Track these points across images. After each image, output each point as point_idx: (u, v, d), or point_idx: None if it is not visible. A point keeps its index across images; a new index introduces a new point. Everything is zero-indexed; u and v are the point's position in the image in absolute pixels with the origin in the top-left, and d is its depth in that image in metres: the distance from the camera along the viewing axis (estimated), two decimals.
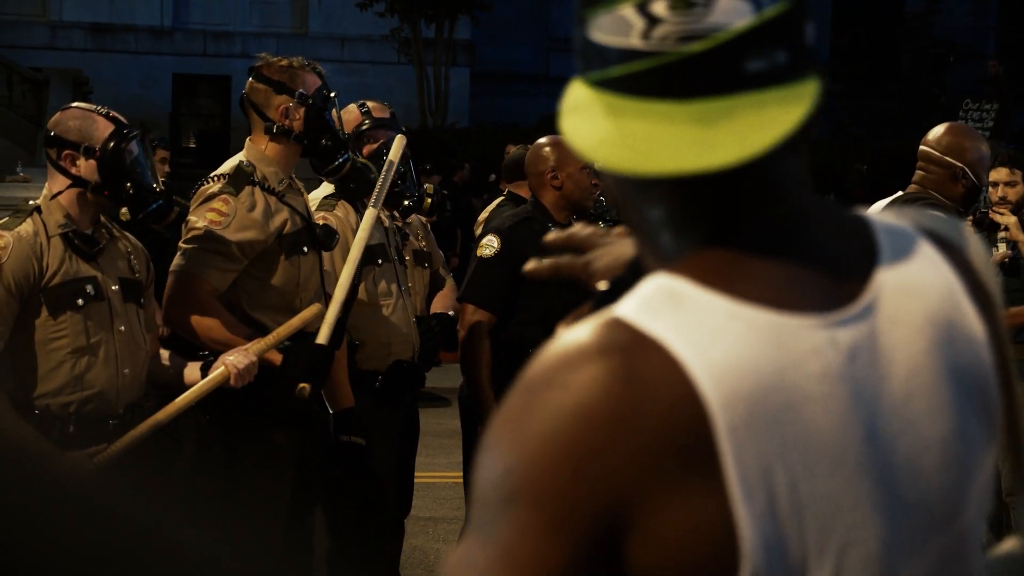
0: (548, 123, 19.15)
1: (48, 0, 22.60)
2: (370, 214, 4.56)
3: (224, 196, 4.27)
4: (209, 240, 4.24)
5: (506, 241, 5.15)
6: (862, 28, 23.88)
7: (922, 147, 4.63)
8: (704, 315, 1.18)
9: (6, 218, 3.99)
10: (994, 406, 1.28)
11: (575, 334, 1.20)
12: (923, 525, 1.23)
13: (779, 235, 1.24)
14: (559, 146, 5.29)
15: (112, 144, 3.96)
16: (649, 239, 1.29)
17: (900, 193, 4.61)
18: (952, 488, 1.24)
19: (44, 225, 3.92)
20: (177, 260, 4.28)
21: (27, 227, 3.90)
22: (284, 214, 4.36)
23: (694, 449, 1.15)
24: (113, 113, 4.06)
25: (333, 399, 4.60)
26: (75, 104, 4.16)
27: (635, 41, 1.20)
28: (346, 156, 4.58)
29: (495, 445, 1.19)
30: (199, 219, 4.26)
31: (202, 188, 4.37)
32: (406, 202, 5.26)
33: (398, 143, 4.83)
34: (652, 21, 1.20)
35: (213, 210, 4.26)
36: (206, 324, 4.22)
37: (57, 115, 4.06)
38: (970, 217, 4.95)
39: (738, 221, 1.24)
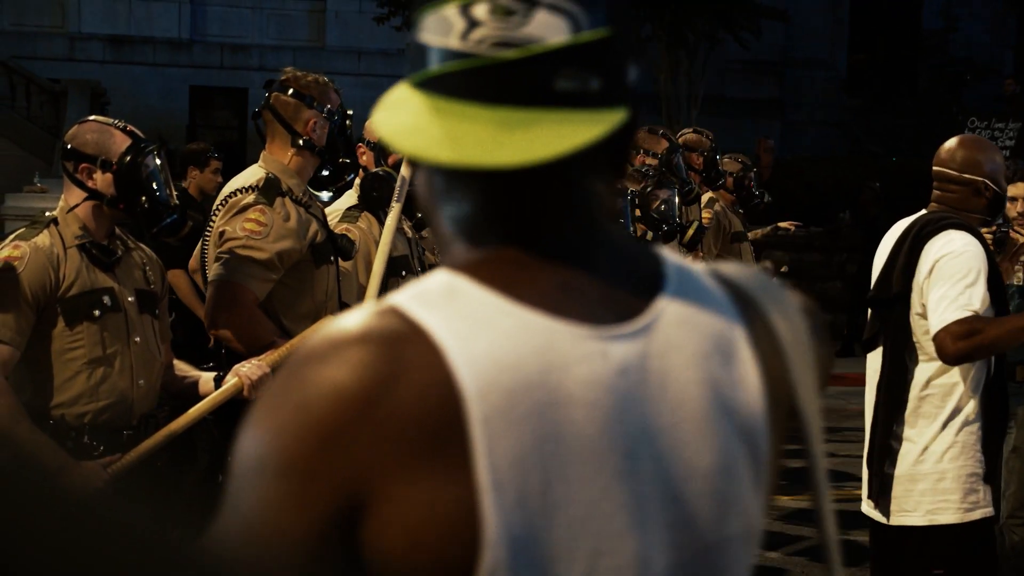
0: None
1: (67, 12, 22.66)
2: (395, 211, 4.55)
3: (260, 207, 4.30)
4: (249, 249, 4.26)
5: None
6: (879, 45, 23.85)
7: (936, 167, 4.53)
8: (476, 310, 1.21)
9: (23, 228, 4.00)
10: (762, 452, 1.31)
11: (348, 318, 1.23)
12: (680, 549, 1.25)
13: (569, 249, 1.27)
14: None
15: (128, 158, 3.97)
16: (448, 238, 1.31)
17: (923, 212, 4.53)
18: (713, 521, 1.27)
19: (61, 237, 3.93)
20: (217, 269, 4.29)
21: (44, 238, 3.91)
22: (313, 224, 4.40)
23: (445, 435, 1.16)
24: (130, 127, 4.07)
25: None
26: (92, 117, 4.17)
27: (453, 41, 1.24)
28: (353, 176, 4.62)
29: (254, 417, 1.21)
30: (236, 229, 4.28)
31: (233, 200, 4.38)
32: (419, 214, 5.26)
33: (405, 171, 4.83)
34: (472, 24, 1.23)
35: (251, 220, 4.28)
36: (255, 331, 4.23)
37: (74, 128, 4.07)
38: (990, 236, 4.90)
39: (531, 230, 1.27)
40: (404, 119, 1.26)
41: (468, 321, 1.20)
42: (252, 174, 4.48)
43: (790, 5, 22.87)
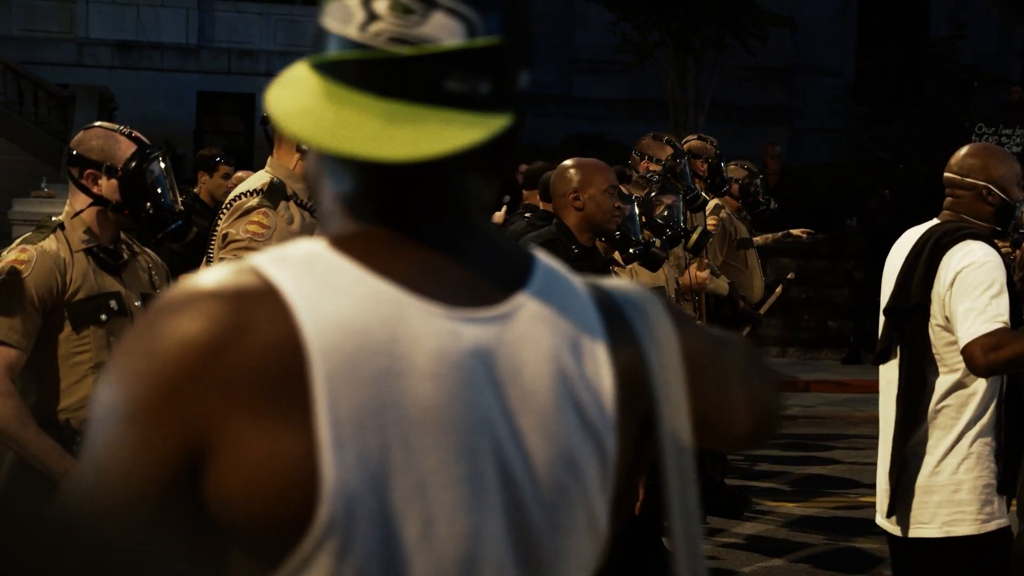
0: (571, 144, 19.15)
1: (75, 18, 22.70)
2: None
3: (264, 209, 4.30)
4: (252, 251, 4.26)
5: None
6: (887, 52, 23.83)
7: (946, 174, 4.56)
8: (331, 275, 1.26)
9: (30, 233, 4.01)
10: (609, 451, 1.35)
11: (206, 274, 1.28)
12: (517, 530, 1.30)
13: (438, 235, 1.33)
14: (583, 168, 5.29)
15: (134, 164, 3.98)
16: (329, 212, 1.36)
17: (935, 221, 4.53)
18: (551, 509, 1.31)
19: (67, 241, 3.94)
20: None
21: (51, 243, 3.92)
22: (318, 229, 4.39)
23: (287, 388, 1.21)
24: (136, 133, 4.08)
25: None
26: (98, 124, 4.18)
27: (352, 31, 1.29)
28: None
29: (111, 366, 1.26)
30: (239, 231, 4.28)
31: (238, 203, 4.38)
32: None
33: None
34: (371, 16, 1.28)
35: (255, 222, 4.28)
36: None
37: (80, 134, 4.08)
38: (1007, 241, 4.89)
39: (404, 214, 1.33)
40: (297, 100, 1.31)
41: (321, 285, 1.25)
42: (258, 178, 4.49)
43: (798, 12, 22.88)
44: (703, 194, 7.93)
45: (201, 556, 1.24)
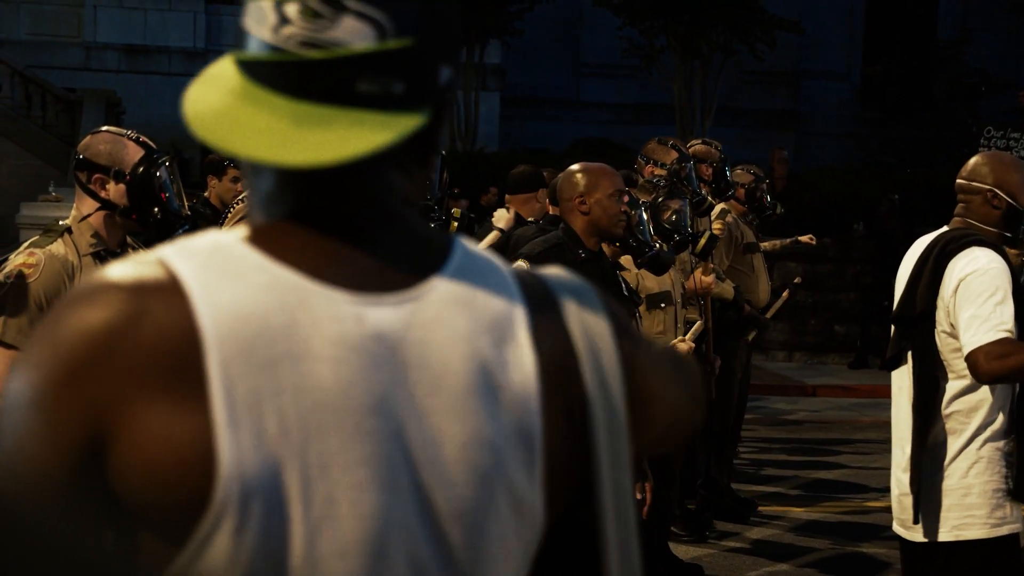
0: (578, 148, 19.14)
1: (83, 22, 22.74)
2: None
3: None
4: None
5: (535, 267, 5.13)
6: (894, 56, 23.83)
7: (957, 180, 4.61)
8: (233, 264, 1.30)
9: (37, 236, 4.02)
10: (534, 435, 1.36)
11: (114, 266, 1.32)
12: (432, 512, 1.31)
13: (350, 226, 1.35)
14: (589, 172, 5.29)
15: (141, 169, 3.99)
16: (252, 208, 1.39)
17: (945, 228, 4.56)
18: (469, 491, 1.32)
19: (75, 246, 3.95)
20: None
21: (59, 247, 3.93)
22: None
23: (183, 374, 1.25)
24: (143, 138, 4.09)
25: None
26: (105, 128, 4.19)
27: (266, 33, 1.32)
28: None
29: (20, 355, 1.31)
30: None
31: (239, 206, 4.40)
32: (431, 224, 5.27)
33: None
34: (283, 20, 1.30)
35: None
36: None
37: (88, 138, 4.09)
38: (1019, 248, 4.89)
39: (318, 208, 1.34)
40: (212, 101, 1.35)
41: (221, 273, 1.29)
42: None
43: (805, 16, 22.87)
44: (709, 198, 7.94)
45: (112, 538, 1.27)
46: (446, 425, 1.31)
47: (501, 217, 7.61)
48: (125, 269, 1.30)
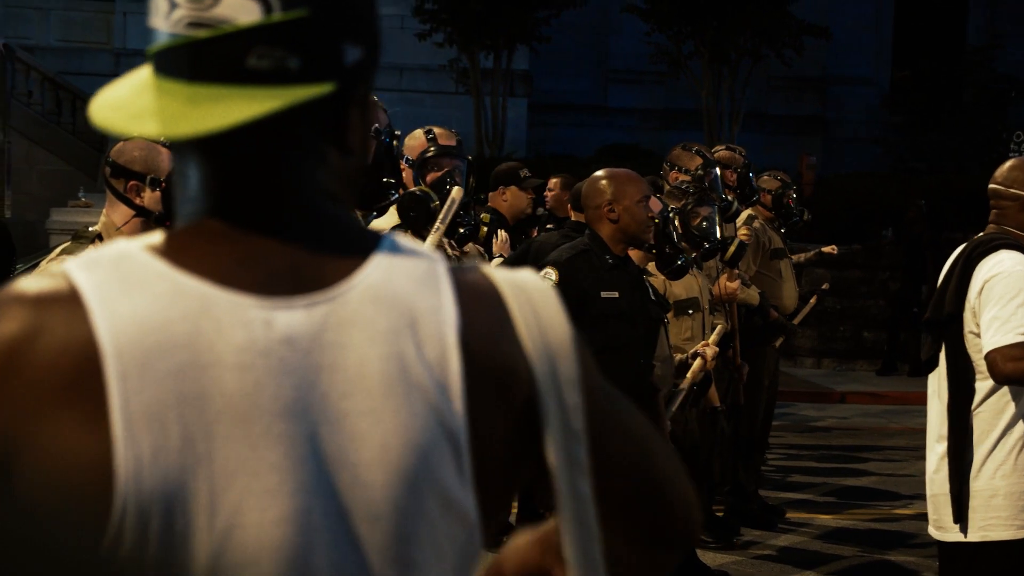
0: (606, 154, 19.15)
1: (112, 28, 22.87)
2: (439, 231, 4.56)
3: None
4: None
5: (564, 273, 5.14)
6: (923, 62, 23.75)
7: (990, 185, 4.66)
8: (135, 274, 1.28)
9: (68, 243, 4.04)
10: (460, 434, 1.32)
11: (19, 280, 1.31)
12: (352, 515, 1.29)
13: (264, 223, 1.33)
14: (616, 179, 5.30)
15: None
16: (179, 216, 1.38)
17: (980, 235, 4.60)
18: (392, 492, 1.29)
19: None
20: None
21: None
22: None
23: (81, 388, 1.23)
24: None
25: None
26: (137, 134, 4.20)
27: (160, 22, 1.32)
28: (395, 193, 4.59)
29: None
30: None
31: None
32: (461, 229, 5.27)
33: (455, 194, 4.77)
34: (172, 5, 1.31)
35: None
36: None
37: (120, 145, 4.11)
38: None
39: (231, 205, 1.33)
40: (117, 93, 1.35)
41: (121, 284, 1.27)
42: None
43: (833, 22, 22.83)
44: (735, 204, 7.94)
45: (22, 554, 1.27)
46: (364, 427, 1.29)
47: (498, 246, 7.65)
48: (28, 283, 1.30)
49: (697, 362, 6.05)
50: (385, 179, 4.50)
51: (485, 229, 5.44)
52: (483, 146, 20.15)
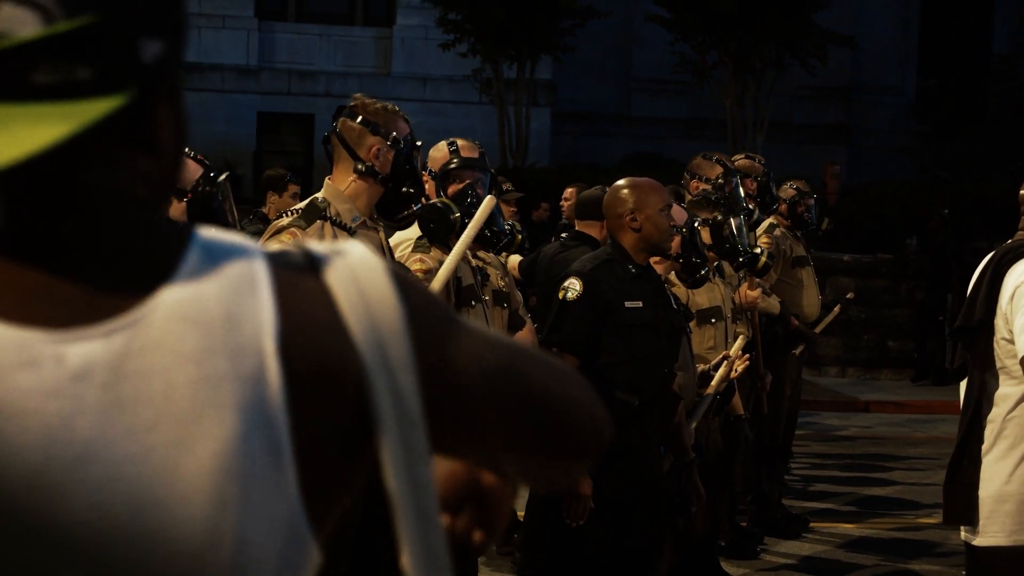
0: (629, 163, 19.15)
1: None
2: (450, 262, 4.60)
3: (292, 229, 4.33)
4: None
5: (588, 283, 5.15)
6: (948, 70, 23.69)
7: (1020, 192, 4.71)
8: None
9: None
10: (281, 447, 1.21)
11: None
12: (167, 549, 1.17)
13: (50, 248, 1.20)
14: (638, 188, 5.31)
15: (201, 186, 4.04)
16: None
17: (1009, 242, 4.62)
18: (215, 522, 1.18)
19: None
20: None
21: None
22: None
23: None
24: (200, 155, 4.14)
25: None
26: None
27: None
28: (418, 205, 4.62)
29: None
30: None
31: (275, 222, 4.45)
32: (488, 234, 5.29)
33: (487, 204, 4.79)
34: None
35: (280, 242, 4.32)
36: None
37: None
38: None
39: (16, 230, 1.20)
40: None
41: None
42: (307, 199, 4.55)
43: (858, 31, 22.79)
44: (756, 212, 7.96)
45: None
46: (176, 457, 1.17)
47: None
48: None
49: (721, 370, 6.05)
50: (405, 188, 4.53)
51: (520, 237, 5.46)
52: (507, 156, 20.17)
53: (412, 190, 4.53)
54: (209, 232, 1.28)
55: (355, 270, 1.27)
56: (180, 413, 1.17)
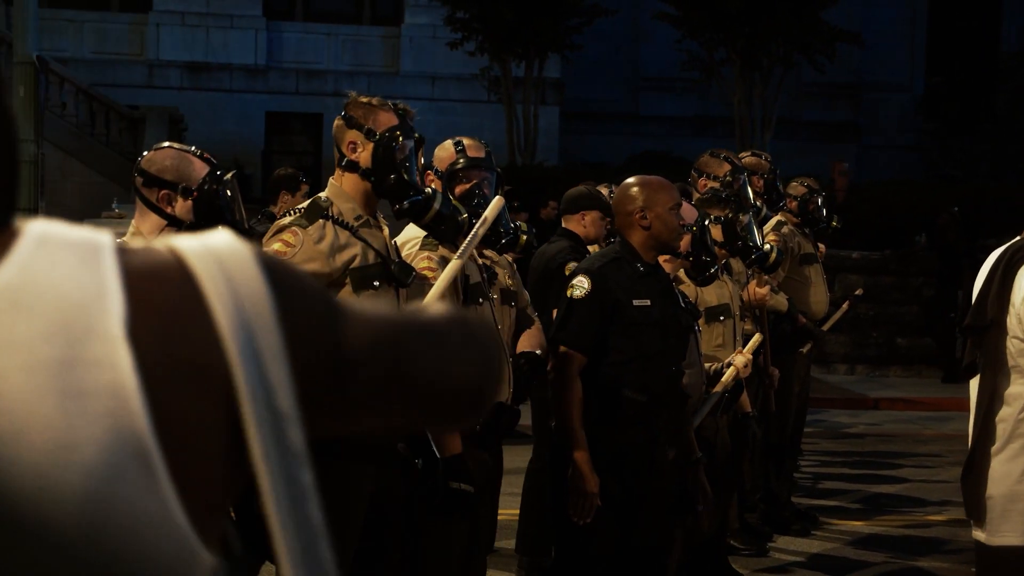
0: (637, 162, 19.14)
1: (145, 40, 23.00)
2: (454, 265, 4.59)
3: (294, 228, 4.33)
4: None
5: (596, 281, 5.15)
6: (957, 68, 23.66)
7: None
8: None
9: None
10: (147, 448, 1.12)
11: None
12: (32, 566, 1.09)
13: None
14: (647, 186, 5.30)
15: (207, 185, 4.04)
16: None
17: (1017, 239, 4.61)
18: (81, 530, 1.09)
19: None
20: None
21: None
22: (355, 248, 4.35)
23: None
24: (206, 154, 4.14)
25: (441, 445, 4.50)
26: (167, 144, 4.24)
27: None
28: (417, 198, 4.54)
29: None
30: (268, 249, 4.32)
31: (277, 221, 4.45)
32: (502, 240, 5.29)
33: (496, 204, 4.79)
34: None
35: (281, 241, 4.31)
36: None
37: (151, 154, 4.14)
38: None
39: None
40: None
41: None
42: (312, 198, 4.54)
43: (866, 28, 22.76)
44: (764, 209, 7.97)
45: None
46: (16, 459, 1.08)
47: None
48: None
49: (730, 370, 6.05)
50: (393, 176, 4.45)
51: (525, 238, 5.45)
52: (515, 154, 20.17)
53: (395, 181, 4.45)
54: (47, 224, 1.19)
55: (221, 257, 1.19)
56: (15, 410, 1.09)
